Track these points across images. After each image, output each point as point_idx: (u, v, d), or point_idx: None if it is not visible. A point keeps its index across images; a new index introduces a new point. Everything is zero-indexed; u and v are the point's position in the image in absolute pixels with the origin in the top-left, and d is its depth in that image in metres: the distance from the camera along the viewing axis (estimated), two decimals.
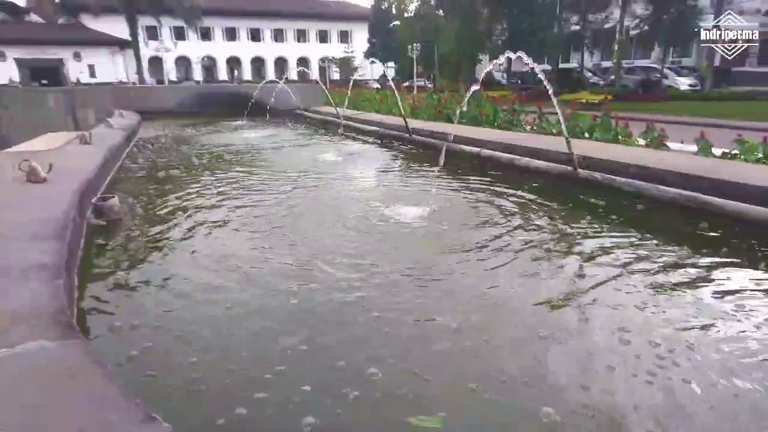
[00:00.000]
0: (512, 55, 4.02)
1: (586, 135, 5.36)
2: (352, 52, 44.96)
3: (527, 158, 4.48)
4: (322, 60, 48.00)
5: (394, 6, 41.54)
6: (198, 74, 42.49)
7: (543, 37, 25.97)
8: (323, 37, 49.41)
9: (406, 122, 6.32)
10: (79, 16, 31.29)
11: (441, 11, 35.27)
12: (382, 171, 5.08)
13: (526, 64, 3.82)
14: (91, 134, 4.52)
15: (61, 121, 10.20)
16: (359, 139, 7.47)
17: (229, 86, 14.63)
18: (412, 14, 38.59)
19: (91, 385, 1.03)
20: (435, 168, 4.50)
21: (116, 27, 32.69)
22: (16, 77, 34.66)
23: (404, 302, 1.95)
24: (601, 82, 27.34)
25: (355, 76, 42.47)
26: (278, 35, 47.73)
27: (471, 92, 4.49)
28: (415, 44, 32.46)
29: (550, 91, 3.79)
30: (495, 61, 7.25)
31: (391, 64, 41.82)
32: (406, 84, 29.49)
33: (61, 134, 7.65)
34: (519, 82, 28.59)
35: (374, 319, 1.79)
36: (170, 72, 39.53)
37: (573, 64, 31.48)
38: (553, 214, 3.18)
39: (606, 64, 32.19)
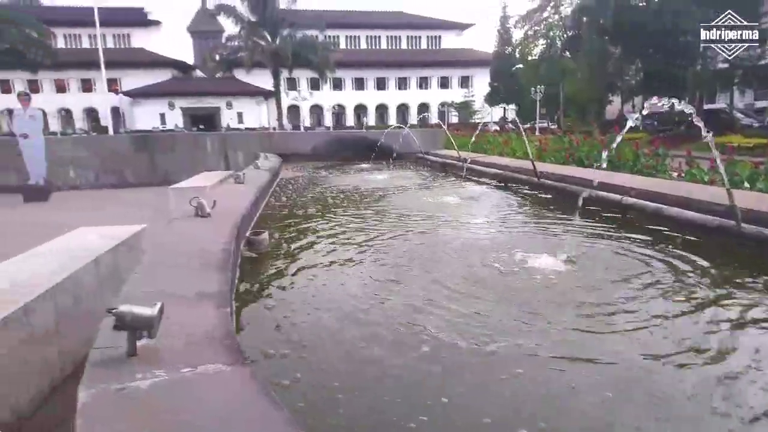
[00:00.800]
0: (660, 102, 3.69)
1: (746, 185, 4.68)
2: (472, 96, 45.71)
3: (677, 208, 4.01)
4: (442, 104, 49.49)
5: (517, 51, 41.56)
6: (328, 120, 46.25)
7: (683, 75, 23.77)
8: (444, 83, 51.01)
9: (534, 165, 6.12)
10: (233, 70, 36.27)
11: (567, 53, 34.40)
12: (508, 215, 4.94)
13: (663, 105, 3.49)
14: (244, 174, 5.08)
15: (215, 162, 11.75)
16: (481, 182, 7.41)
17: (357, 132, 15.63)
18: (536, 57, 38.21)
19: (263, 411, 1.09)
20: (568, 215, 4.25)
21: (262, 80, 37.26)
22: (181, 123, 41.03)
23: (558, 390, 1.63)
24: (755, 124, 24.02)
25: (475, 119, 42.94)
26: (402, 83, 50.40)
27: (620, 136, 4.18)
28: (539, 86, 31.95)
29: (707, 135, 3.37)
30: (648, 102, 6.75)
31: (511, 106, 41.51)
32: (528, 126, 28.92)
33: (215, 173, 8.79)
34: (655, 123, 26.32)
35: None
36: (305, 118, 43.69)
37: (720, 104, 28.24)
38: (715, 276, 2.76)
39: (761, 104, 28.34)
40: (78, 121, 42.77)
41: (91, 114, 43.41)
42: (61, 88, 42.73)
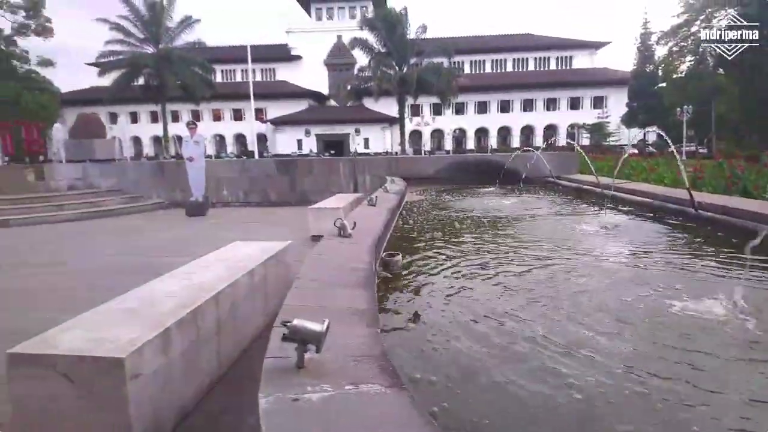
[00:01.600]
0: None
1: None
2: (607, 117, 42.61)
3: None
4: (571, 126, 46.87)
5: (660, 68, 37.84)
6: (449, 144, 46.56)
7: None
8: (574, 103, 48.38)
9: (690, 194, 5.41)
10: (363, 99, 38.50)
11: (721, 69, 30.36)
12: (660, 249, 4.40)
13: None
14: (376, 198, 5.27)
15: (346, 184, 12.47)
16: (624, 211, 6.76)
17: (481, 155, 15.46)
18: (683, 74, 34.38)
19: None
20: (737, 253, 3.65)
21: (388, 107, 38.95)
22: (315, 148, 44.52)
23: None
24: None
25: (609, 142, 39.78)
26: (527, 105, 48.95)
27: None
28: (686, 106, 28.61)
29: None
30: None
31: (652, 128, 37.75)
32: (671, 149, 25.90)
33: (347, 195, 9.34)
34: None
35: None
36: (426, 142, 44.54)
37: None
38: None
39: None
40: (229, 145, 48.78)
41: (240, 139, 49.25)
42: (217, 117, 49.25)
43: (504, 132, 49.21)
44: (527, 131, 48.89)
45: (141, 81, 33.15)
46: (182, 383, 2.44)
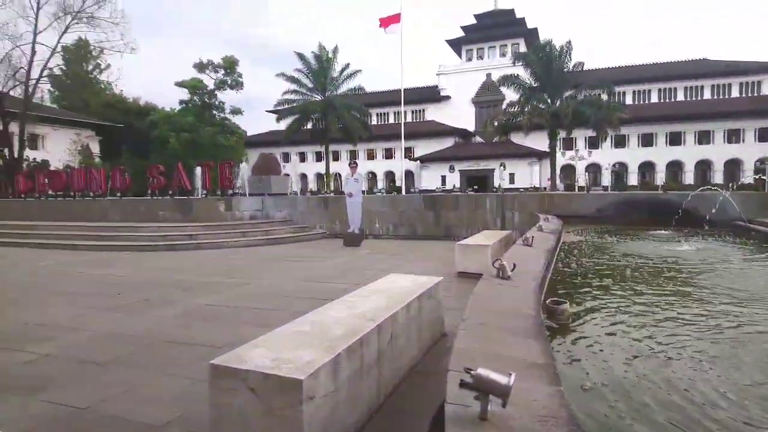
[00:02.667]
0: None
1: None
2: None
3: None
4: (761, 161, 39.42)
5: None
6: (606, 179, 42.72)
7: None
8: (764, 135, 40.79)
9: None
10: (510, 134, 37.74)
11: None
12: None
13: None
14: (533, 238, 5.01)
15: (492, 220, 12.20)
16: None
17: (653, 193, 13.83)
18: None
19: None
20: None
21: (537, 141, 37.52)
22: (458, 183, 44.74)
23: None
24: None
25: None
26: (703, 137, 42.79)
27: None
28: None
29: None
30: None
31: None
32: None
33: (495, 232, 9.05)
34: None
35: None
36: (580, 177, 41.51)
37: None
38: None
39: None
40: (380, 181, 51.78)
41: (389, 176, 51.97)
42: (370, 155, 52.86)
43: (674, 167, 43.47)
44: (703, 166, 42.46)
45: (309, 125, 37.48)
46: (346, 410, 2.53)
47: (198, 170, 15.67)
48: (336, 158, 49.39)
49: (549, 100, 30.56)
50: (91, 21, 28.15)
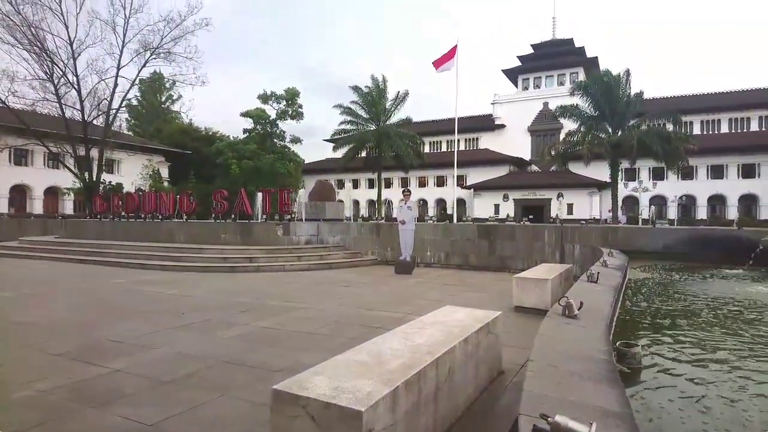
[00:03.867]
0: None
1: None
2: None
3: None
4: None
5: None
6: (672, 213, 40.33)
7: None
8: None
9: None
10: (568, 164, 36.72)
11: None
12: None
13: None
14: (598, 274, 4.79)
15: (550, 253, 11.78)
16: None
17: (726, 229, 12.91)
18: None
19: None
20: None
21: (597, 171, 36.21)
22: (512, 213, 43.77)
23: None
24: None
25: None
26: None
27: None
28: None
29: None
30: None
31: None
32: None
33: (554, 266, 8.73)
34: None
35: None
36: (643, 210, 39.47)
37: None
38: None
39: None
40: (431, 209, 51.63)
41: (441, 203, 51.75)
42: (422, 183, 53.01)
43: (747, 200, 40.45)
44: None
45: (363, 153, 38.40)
46: None
47: (259, 195, 16.33)
48: (388, 185, 49.98)
49: (610, 130, 29.58)
50: (168, 56, 30.60)
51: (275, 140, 42.08)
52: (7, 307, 6.97)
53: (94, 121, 31.40)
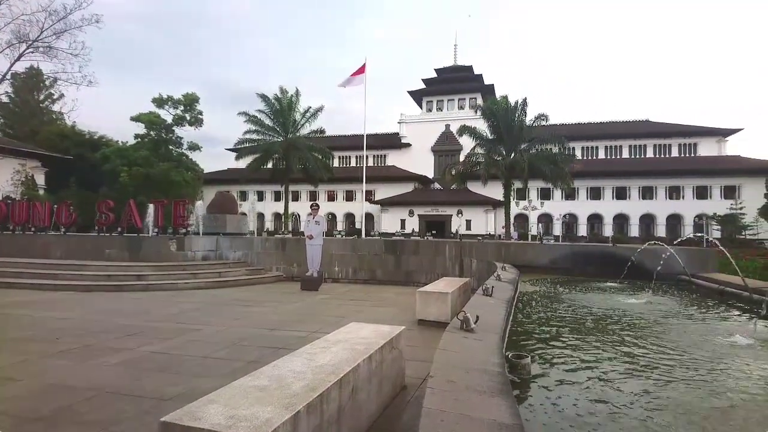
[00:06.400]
0: None
1: None
2: (741, 208, 38.42)
3: None
4: (699, 217, 42.68)
5: None
6: (557, 229, 44.52)
7: None
8: (702, 193, 44.31)
9: None
10: (467, 183, 38.99)
11: None
12: None
13: None
14: (493, 288, 5.08)
15: (450, 267, 12.33)
16: None
17: (603, 246, 14.48)
18: None
19: None
20: None
21: (492, 190, 38.93)
22: (417, 228, 45.33)
23: None
24: None
25: (745, 235, 35.28)
26: (646, 192, 45.96)
27: None
28: None
29: None
30: None
31: None
32: None
33: (454, 279, 9.12)
34: None
35: None
36: (532, 227, 43.06)
37: None
38: None
39: None
40: (339, 223, 51.67)
41: (349, 218, 52.02)
42: (331, 197, 52.93)
43: (620, 219, 46.12)
44: (647, 220, 45.35)
45: (270, 164, 37.34)
46: None
47: (151, 207, 15.10)
48: (296, 198, 49.17)
49: (504, 152, 31.98)
50: (48, 51, 27.47)
51: (171, 147, 39.39)
52: None
53: None
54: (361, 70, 23.51)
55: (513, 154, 31.60)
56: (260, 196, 53.90)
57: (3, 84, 29.01)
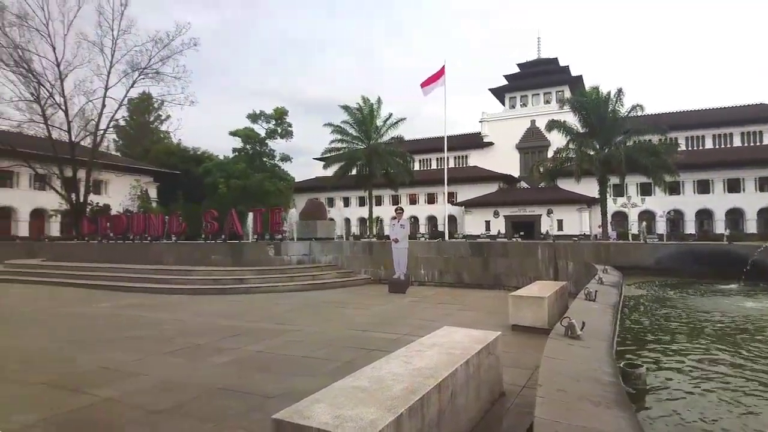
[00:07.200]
0: None
1: None
2: None
3: None
4: None
5: None
6: (661, 227, 40.81)
7: None
8: None
9: None
10: (557, 180, 37.13)
11: None
12: None
13: None
14: (596, 292, 4.75)
15: (544, 269, 11.77)
16: None
17: (717, 244, 13.04)
18: None
19: None
20: None
21: (586, 187, 36.62)
22: (503, 229, 43.97)
23: None
24: None
25: None
26: (764, 184, 40.65)
27: None
28: None
29: None
30: None
31: None
32: None
33: (549, 283, 8.68)
34: None
35: None
36: (632, 225, 39.88)
37: None
38: None
39: None
40: (422, 226, 51.72)
41: (432, 220, 51.87)
42: (413, 200, 53.16)
43: (734, 215, 41.15)
44: (766, 215, 39.99)
45: (354, 171, 38.59)
46: None
47: (250, 215, 16.19)
48: (379, 203, 50.06)
49: (597, 146, 30.02)
50: (156, 76, 30.65)
51: (264, 159, 42.05)
52: None
53: (82, 142, 31.13)
54: (440, 73, 23.38)
55: (607, 148, 29.55)
56: (346, 202, 55.65)
57: (120, 109, 32.79)
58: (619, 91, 28.74)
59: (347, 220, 53.68)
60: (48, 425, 3.32)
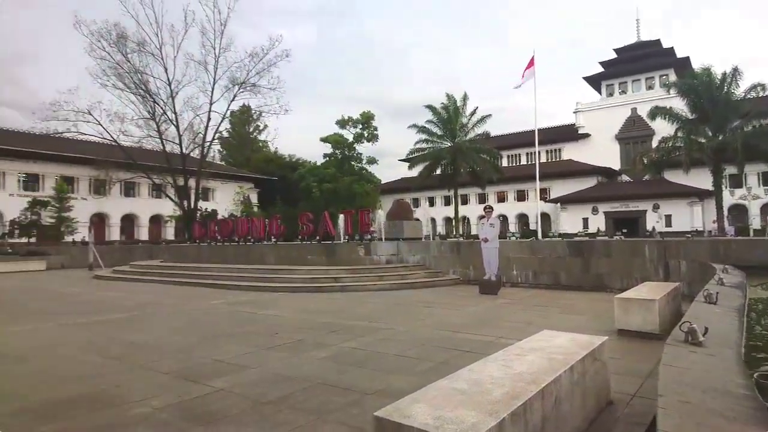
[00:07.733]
0: None
1: None
2: None
3: None
4: None
5: None
6: None
7: None
8: None
9: None
10: (663, 172, 33.96)
11: None
12: None
13: None
14: (717, 294, 4.27)
15: (652, 270, 10.79)
16: None
17: None
18: None
19: None
20: None
21: (696, 179, 33.03)
22: (603, 227, 41.02)
23: None
24: None
25: None
26: None
27: None
28: None
29: None
30: None
31: None
32: None
33: (659, 284, 7.95)
34: None
35: None
36: (753, 219, 35.22)
37: None
38: None
39: None
40: (511, 225, 49.98)
41: (522, 219, 49.93)
42: (501, 198, 51.55)
43: None
44: None
45: (438, 170, 38.47)
46: None
47: (341, 217, 16.80)
48: (464, 202, 49.27)
49: (710, 133, 26.95)
50: (254, 89, 33.04)
51: (353, 162, 43.38)
52: (119, 328, 7.68)
53: (191, 154, 34.50)
54: (530, 64, 22.49)
55: (721, 135, 26.41)
56: (431, 202, 55.54)
57: (224, 122, 35.94)
58: (735, 70, 25.58)
59: (432, 220, 53.53)
60: (174, 410, 3.71)
